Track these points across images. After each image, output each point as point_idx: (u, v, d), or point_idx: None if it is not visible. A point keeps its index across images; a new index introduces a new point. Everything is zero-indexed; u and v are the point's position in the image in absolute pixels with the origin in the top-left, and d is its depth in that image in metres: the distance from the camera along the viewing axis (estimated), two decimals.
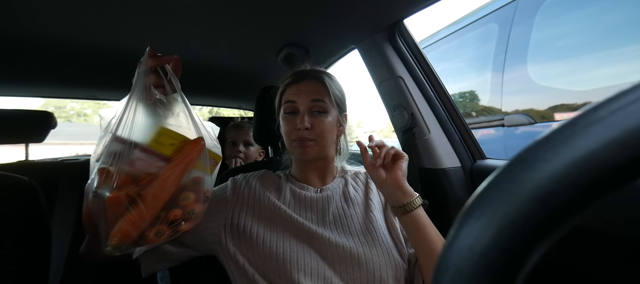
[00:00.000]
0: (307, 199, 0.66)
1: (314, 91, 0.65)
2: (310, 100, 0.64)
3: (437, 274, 0.14)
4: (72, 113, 18.18)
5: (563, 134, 0.13)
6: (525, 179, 0.13)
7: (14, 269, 0.63)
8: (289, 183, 0.71)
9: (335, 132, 0.69)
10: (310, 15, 0.86)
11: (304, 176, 0.71)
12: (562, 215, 0.12)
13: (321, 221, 0.63)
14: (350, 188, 0.70)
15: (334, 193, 0.68)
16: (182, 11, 0.82)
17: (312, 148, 0.64)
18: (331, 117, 0.66)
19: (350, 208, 0.66)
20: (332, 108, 0.66)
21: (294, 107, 0.65)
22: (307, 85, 0.66)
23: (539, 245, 0.13)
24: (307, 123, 0.62)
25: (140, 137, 0.45)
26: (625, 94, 0.12)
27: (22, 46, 0.98)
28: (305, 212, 0.64)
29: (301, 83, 0.66)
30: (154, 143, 0.45)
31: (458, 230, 0.14)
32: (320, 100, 0.65)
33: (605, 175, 0.12)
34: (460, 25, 2.21)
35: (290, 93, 0.66)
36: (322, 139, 0.64)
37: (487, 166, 0.89)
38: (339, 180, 0.73)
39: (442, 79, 0.97)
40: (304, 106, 0.64)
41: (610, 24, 1.35)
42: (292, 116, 0.66)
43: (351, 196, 0.68)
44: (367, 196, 0.68)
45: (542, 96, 1.60)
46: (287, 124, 0.66)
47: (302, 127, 0.62)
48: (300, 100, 0.65)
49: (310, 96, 0.64)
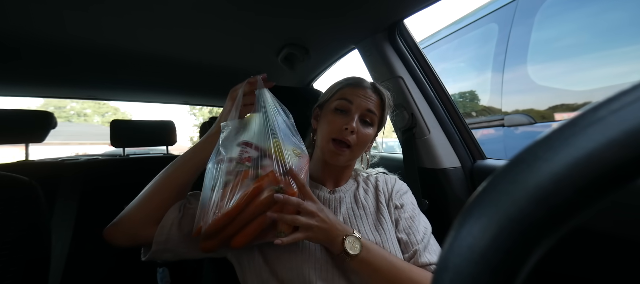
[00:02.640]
0: (320, 199, 0.66)
1: (372, 101, 0.66)
2: (366, 109, 0.65)
3: (437, 274, 0.14)
4: (72, 113, 18.19)
5: (563, 134, 0.13)
6: (525, 179, 0.13)
7: (13, 269, 0.63)
8: None
9: (368, 146, 0.71)
10: (310, 15, 0.86)
11: (321, 176, 0.71)
12: (562, 215, 0.12)
13: None
14: (361, 191, 0.70)
15: (346, 195, 0.68)
16: (182, 11, 0.82)
17: (345, 155, 0.64)
18: (373, 131, 0.67)
19: (360, 210, 0.66)
20: (377, 123, 0.68)
21: (348, 106, 0.64)
22: (368, 93, 0.66)
23: (539, 245, 0.13)
24: (354, 128, 0.62)
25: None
26: (625, 94, 0.12)
27: (22, 46, 0.98)
28: None
29: (362, 90, 0.66)
30: (281, 154, 0.54)
31: (458, 230, 0.14)
32: (374, 112, 0.66)
33: (605, 175, 0.12)
34: (460, 25, 2.21)
35: (349, 92, 0.66)
36: (358, 149, 0.65)
37: (487, 166, 0.89)
38: (352, 182, 0.73)
39: (442, 79, 0.97)
40: (359, 110, 0.64)
41: (610, 23, 1.35)
42: (341, 114, 0.65)
43: (362, 200, 0.68)
44: (378, 200, 0.68)
45: (542, 96, 1.60)
46: (333, 120, 0.65)
47: (351, 128, 0.62)
48: (357, 103, 0.64)
49: (367, 104, 0.65)
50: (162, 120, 1.80)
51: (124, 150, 1.69)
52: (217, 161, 0.52)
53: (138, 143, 1.74)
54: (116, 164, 1.61)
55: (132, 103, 2.51)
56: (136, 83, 1.51)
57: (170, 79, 1.44)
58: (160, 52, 1.10)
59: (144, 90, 1.68)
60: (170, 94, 1.79)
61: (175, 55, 1.14)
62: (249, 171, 0.51)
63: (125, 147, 1.66)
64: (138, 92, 1.71)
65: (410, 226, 0.63)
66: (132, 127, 1.74)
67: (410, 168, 0.94)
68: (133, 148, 1.77)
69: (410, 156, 0.95)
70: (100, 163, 1.54)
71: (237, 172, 0.51)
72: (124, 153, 1.70)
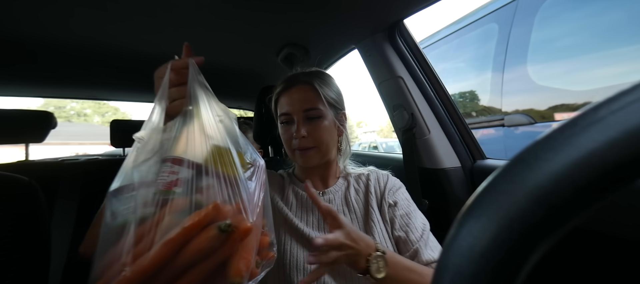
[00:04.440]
0: (309, 202, 0.66)
1: (305, 99, 0.63)
2: (303, 109, 0.63)
3: (437, 274, 0.14)
4: (72, 113, 18.19)
5: (563, 134, 0.13)
6: (525, 179, 0.13)
7: (13, 269, 0.63)
8: (292, 183, 0.71)
9: (335, 134, 0.67)
10: (310, 15, 0.86)
11: (307, 178, 0.70)
12: (562, 215, 0.12)
13: (322, 226, 0.63)
14: (351, 191, 0.69)
15: (336, 197, 0.68)
16: (182, 11, 0.82)
17: (314, 155, 0.63)
18: (327, 120, 0.64)
19: (350, 213, 0.65)
20: (327, 111, 0.64)
21: (289, 117, 0.64)
22: (298, 92, 0.64)
23: (539, 245, 0.13)
24: (304, 132, 0.61)
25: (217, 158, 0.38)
26: (625, 94, 0.12)
27: (22, 46, 0.98)
28: (307, 215, 0.65)
29: (292, 90, 0.65)
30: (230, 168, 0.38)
31: (458, 230, 0.14)
32: (312, 107, 0.63)
33: (605, 175, 0.12)
34: (460, 25, 2.21)
35: (284, 102, 0.65)
36: (322, 144, 0.64)
37: (487, 166, 0.89)
38: (342, 182, 0.71)
39: (442, 79, 0.97)
40: (299, 115, 0.63)
41: (610, 23, 1.35)
42: (288, 126, 0.65)
43: (352, 201, 0.67)
44: (368, 201, 0.67)
45: (542, 96, 1.60)
46: (285, 133, 0.66)
47: (299, 136, 0.61)
48: (293, 109, 0.63)
49: (302, 105, 0.63)
50: None
51: (124, 150, 1.69)
52: (126, 191, 0.35)
53: None
54: (116, 164, 1.60)
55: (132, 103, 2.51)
56: (136, 83, 1.51)
57: None
58: (161, 52, 1.10)
59: (144, 90, 1.68)
60: None
61: (176, 55, 1.14)
62: (179, 201, 0.34)
63: (125, 147, 1.66)
64: (138, 92, 1.71)
65: (407, 224, 0.62)
66: (132, 127, 1.74)
67: (411, 168, 0.94)
68: None
69: (411, 156, 0.95)
70: (100, 163, 1.54)
71: (160, 202, 0.34)
72: (124, 153, 1.70)
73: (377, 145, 6.98)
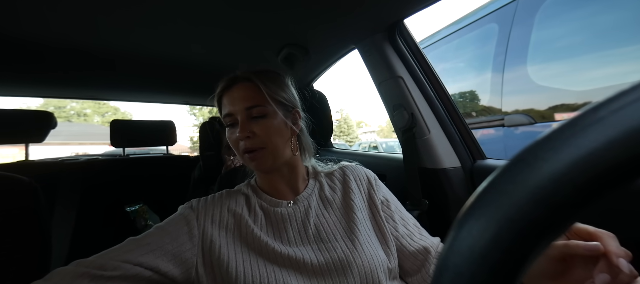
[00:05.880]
0: (283, 217, 0.59)
1: (246, 97, 0.58)
2: (245, 108, 0.58)
3: (437, 274, 0.14)
4: (72, 113, 18.20)
5: (563, 134, 0.13)
6: (525, 179, 0.13)
7: (13, 269, 0.63)
8: (257, 198, 0.62)
9: (287, 133, 0.62)
10: (310, 15, 0.86)
11: (273, 188, 0.63)
12: (562, 214, 0.12)
13: (304, 238, 0.57)
14: (326, 190, 0.65)
15: (311, 201, 0.62)
16: (181, 11, 0.82)
17: (265, 157, 0.58)
18: (276, 119, 0.59)
19: (330, 213, 0.61)
20: (273, 109, 0.59)
21: (233, 118, 0.59)
22: (239, 90, 0.60)
23: (539, 245, 0.13)
24: (248, 132, 0.57)
25: None
26: (625, 94, 0.12)
27: (23, 46, 0.98)
28: (286, 233, 0.58)
29: (233, 89, 0.60)
30: None
31: (458, 230, 0.14)
32: (255, 105, 0.58)
33: (605, 175, 0.12)
34: (460, 25, 2.21)
35: (225, 102, 0.61)
36: (271, 144, 0.58)
37: (487, 166, 0.89)
38: (313, 183, 0.66)
39: (442, 79, 0.97)
40: (241, 115, 0.58)
41: (610, 23, 1.35)
42: (232, 128, 0.60)
43: (329, 198, 0.63)
44: (347, 196, 0.63)
45: (542, 96, 1.60)
46: (231, 136, 0.60)
47: (243, 136, 0.57)
48: (235, 109, 0.58)
49: (244, 103, 0.58)
50: (162, 120, 1.80)
51: (124, 150, 1.69)
52: None
53: (138, 143, 1.74)
54: (116, 164, 1.61)
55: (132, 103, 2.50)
56: (136, 83, 1.51)
57: (170, 79, 1.44)
58: (160, 52, 1.10)
59: (144, 90, 1.68)
60: (170, 94, 1.79)
61: (175, 55, 1.14)
62: None
63: (125, 147, 1.66)
64: (138, 92, 1.71)
65: (404, 221, 0.64)
66: (132, 127, 1.75)
67: (410, 168, 0.94)
68: (133, 148, 1.77)
69: (411, 156, 0.95)
70: (100, 163, 1.54)
71: None
72: (124, 153, 1.71)
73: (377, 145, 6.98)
